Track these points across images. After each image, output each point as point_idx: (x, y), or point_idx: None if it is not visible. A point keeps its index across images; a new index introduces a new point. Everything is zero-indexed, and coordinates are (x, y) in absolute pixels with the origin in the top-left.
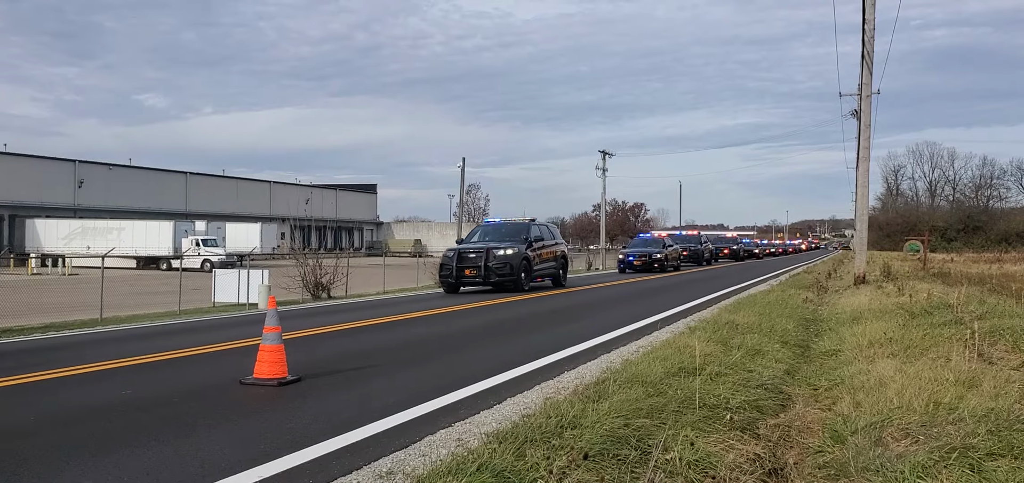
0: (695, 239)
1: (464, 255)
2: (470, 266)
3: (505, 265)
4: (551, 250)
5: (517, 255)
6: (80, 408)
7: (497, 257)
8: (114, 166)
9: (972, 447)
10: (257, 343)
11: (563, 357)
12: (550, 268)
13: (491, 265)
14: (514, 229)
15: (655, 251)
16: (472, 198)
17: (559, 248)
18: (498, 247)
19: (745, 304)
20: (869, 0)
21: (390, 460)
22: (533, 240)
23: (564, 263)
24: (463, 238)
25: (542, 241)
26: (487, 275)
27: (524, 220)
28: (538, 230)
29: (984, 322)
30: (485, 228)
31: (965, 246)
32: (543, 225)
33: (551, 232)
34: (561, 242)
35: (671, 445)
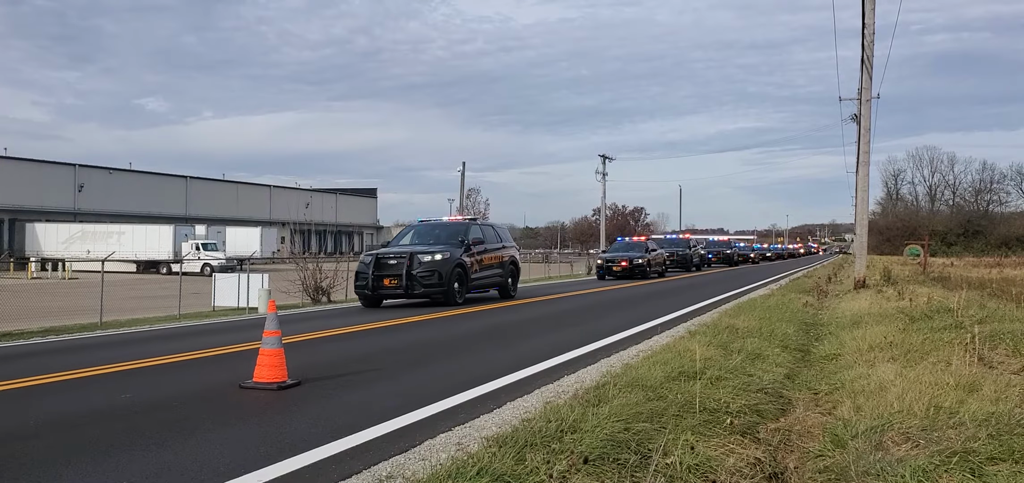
0: (683, 243)
1: (383, 262)
2: (389, 274)
3: (432, 273)
4: (495, 255)
5: (448, 261)
6: (80, 412)
7: (423, 264)
8: (114, 170)
9: (973, 451)
10: (257, 347)
11: (562, 361)
12: (494, 277)
13: (415, 273)
14: (450, 230)
15: (636, 256)
16: (472, 202)
17: (507, 253)
18: (424, 252)
19: (745, 308)
20: (869, 5)
21: (390, 464)
22: (472, 243)
23: (513, 271)
24: (390, 241)
25: (483, 244)
26: (410, 286)
27: (464, 218)
28: (480, 231)
29: (984, 326)
30: (418, 229)
31: (965, 250)
32: (487, 225)
33: (497, 234)
34: (510, 245)
35: (671, 449)
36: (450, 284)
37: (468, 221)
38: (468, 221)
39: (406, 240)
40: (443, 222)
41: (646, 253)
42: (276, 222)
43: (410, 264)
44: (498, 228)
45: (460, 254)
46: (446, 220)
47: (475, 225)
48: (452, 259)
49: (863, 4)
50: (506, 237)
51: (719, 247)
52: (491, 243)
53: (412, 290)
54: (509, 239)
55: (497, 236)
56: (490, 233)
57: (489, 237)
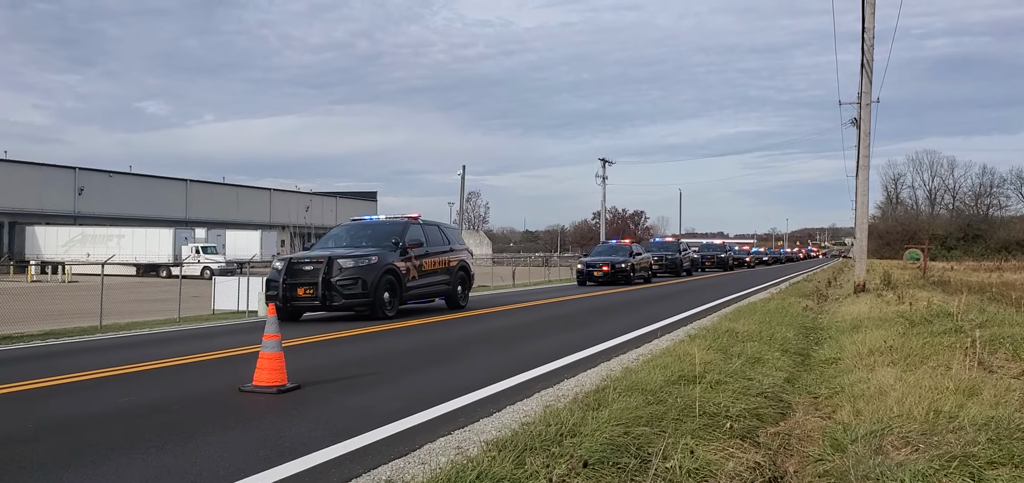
0: (672, 246)
1: (296, 267)
2: (304, 283)
3: (355, 281)
4: (440, 259)
5: (375, 267)
6: (80, 415)
7: (344, 270)
8: (114, 173)
9: (972, 456)
10: (256, 350)
11: (562, 365)
12: (438, 284)
13: (334, 281)
14: (384, 230)
15: (619, 260)
16: (472, 205)
17: (455, 257)
18: (347, 256)
19: (745, 312)
20: (868, 9)
21: (389, 468)
22: (409, 245)
23: (464, 278)
24: (314, 242)
25: (423, 247)
26: (328, 296)
27: (404, 217)
28: (421, 232)
29: (984, 330)
30: (349, 229)
31: (965, 254)
32: (432, 225)
33: (444, 236)
34: (460, 249)
35: (671, 453)
36: (377, 294)
37: (407, 220)
38: (407, 220)
39: (332, 242)
40: (378, 221)
41: (630, 257)
42: (276, 225)
43: (328, 270)
44: (446, 229)
45: (393, 258)
46: (382, 219)
47: (416, 225)
48: (380, 264)
49: (863, 9)
50: (455, 239)
51: (713, 251)
52: (435, 246)
53: (330, 301)
54: (459, 241)
55: (444, 238)
56: (434, 234)
57: (433, 239)
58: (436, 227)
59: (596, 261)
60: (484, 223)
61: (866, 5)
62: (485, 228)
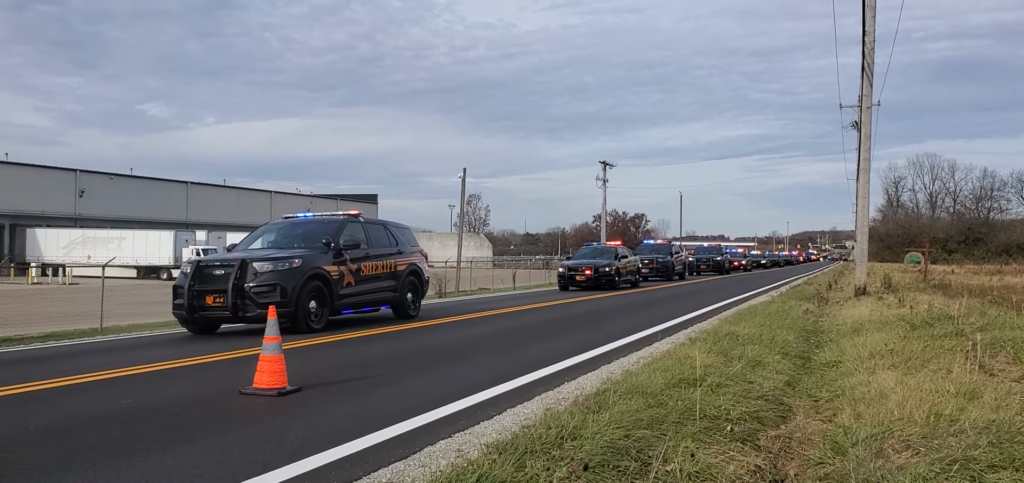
0: (664, 249)
1: (205, 271)
2: (214, 290)
3: (272, 288)
4: (384, 263)
5: (296, 271)
6: (80, 417)
7: (259, 275)
8: (115, 175)
9: (973, 459)
10: (257, 353)
11: (562, 368)
12: (382, 291)
13: (247, 287)
14: (316, 229)
15: (604, 263)
16: (473, 208)
17: (403, 260)
18: (262, 258)
19: (746, 315)
20: (869, 13)
21: (389, 471)
22: (345, 247)
23: (415, 283)
24: (236, 244)
25: (363, 248)
26: (240, 305)
27: (342, 214)
28: (361, 231)
29: (985, 334)
30: (280, 227)
31: (966, 258)
32: (375, 224)
33: (391, 236)
34: (411, 250)
35: (671, 456)
36: (300, 302)
37: (343, 218)
38: (343, 218)
39: (258, 243)
40: (312, 219)
41: (615, 260)
42: None
43: (241, 275)
44: (394, 228)
45: (322, 261)
46: (317, 216)
47: (354, 223)
48: (304, 268)
49: (863, 12)
50: (405, 240)
51: (709, 254)
52: (378, 247)
53: (243, 311)
54: (411, 242)
55: (390, 238)
56: (378, 234)
57: (377, 239)
58: (381, 226)
59: (579, 264)
60: (485, 226)
61: (866, 9)
62: (486, 231)
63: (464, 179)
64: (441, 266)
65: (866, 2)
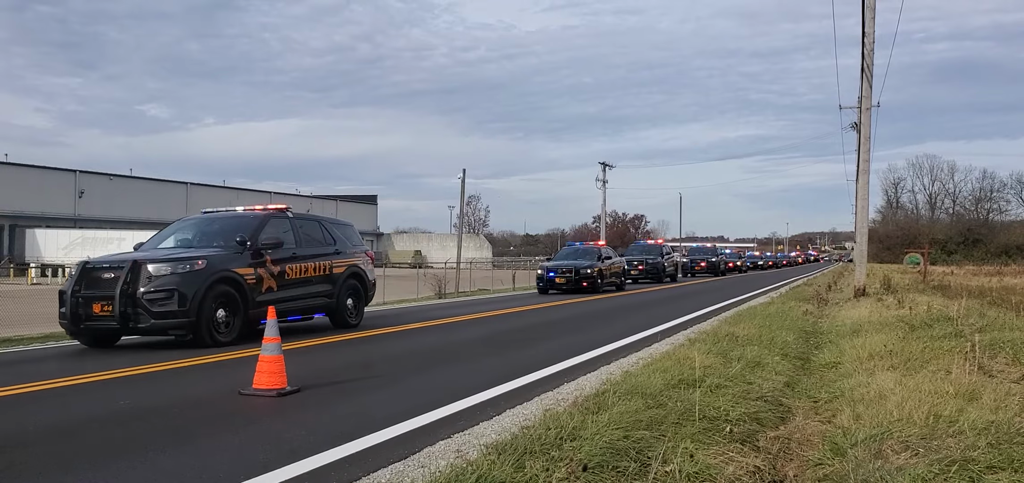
0: (655, 250)
1: (93, 275)
2: (101, 297)
3: (168, 295)
4: (317, 265)
5: (200, 275)
6: (79, 418)
7: (154, 279)
8: (115, 176)
9: (972, 460)
10: (256, 353)
11: (562, 369)
12: (315, 296)
13: (141, 294)
14: (233, 225)
15: (584, 265)
16: (472, 209)
17: (342, 261)
18: (159, 259)
19: (745, 316)
20: (869, 14)
21: (389, 471)
22: (265, 246)
23: (356, 288)
24: (143, 242)
25: (289, 248)
26: (130, 315)
27: (265, 209)
28: (288, 227)
29: (984, 335)
30: (196, 223)
31: (965, 259)
32: (308, 220)
33: (326, 234)
34: (352, 250)
35: (670, 457)
36: (203, 311)
37: (266, 213)
38: (266, 213)
39: (170, 241)
40: (231, 214)
41: (598, 261)
42: None
43: (132, 278)
44: (331, 225)
45: (235, 263)
46: (238, 211)
47: (279, 219)
48: (210, 270)
49: (863, 13)
50: (346, 238)
51: (704, 255)
52: (310, 247)
53: (135, 321)
54: (352, 241)
55: (326, 237)
56: (311, 232)
57: (308, 238)
58: (315, 223)
59: (558, 266)
60: (484, 227)
61: (866, 10)
62: (485, 232)
63: (464, 180)
64: (441, 267)
65: (866, 3)
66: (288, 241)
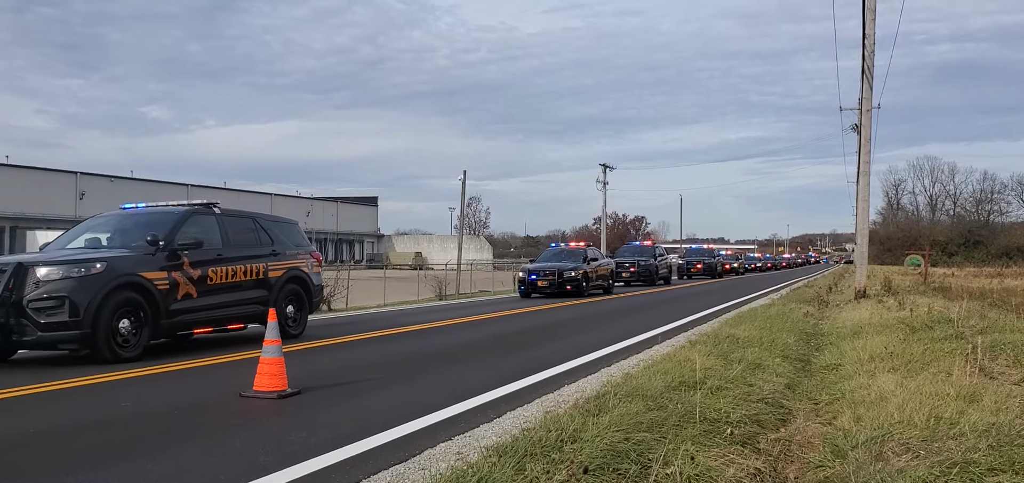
0: (647, 251)
1: None
2: None
3: (59, 304)
4: (249, 267)
5: (97, 280)
6: (80, 420)
7: (42, 285)
8: (115, 178)
9: (973, 462)
10: (257, 355)
11: (562, 371)
12: (246, 305)
13: (27, 302)
14: (148, 222)
15: (568, 267)
16: (473, 211)
17: (280, 264)
18: (49, 262)
19: (746, 318)
20: (869, 16)
21: (389, 473)
22: (182, 247)
23: (298, 294)
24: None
25: (211, 246)
26: (13, 327)
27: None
28: (213, 225)
29: (985, 337)
30: (110, 221)
31: (966, 260)
32: (239, 217)
33: (262, 233)
34: (293, 251)
35: (671, 459)
36: (100, 321)
37: (187, 209)
38: (187, 209)
39: (80, 241)
40: (150, 210)
41: (584, 263)
42: None
43: (17, 283)
44: (267, 223)
45: (145, 266)
46: (160, 207)
47: (204, 216)
48: (108, 275)
49: (864, 15)
50: (286, 238)
51: (700, 256)
52: (241, 248)
53: (19, 334)
54: (295, 241)
55: (261, 236)
56: (242, 231)
57: (238, 237)
58: (249, 220)
59: (541, 268)
60: (485, 228)
61: (866, 12)
62: (486, 233)
63: (464, 181)
64: (441, 268)
65: (866, 5)
66: (213, 241)
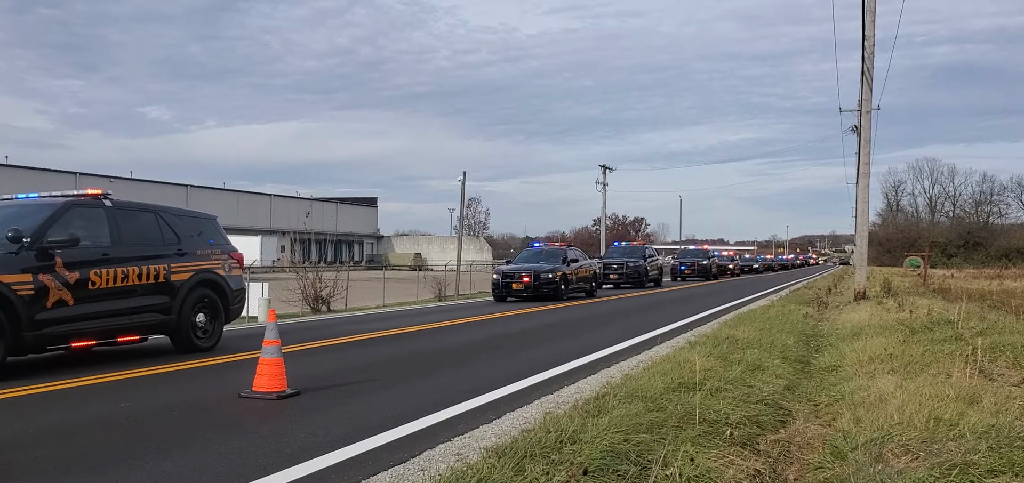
0: (636, 252)
1: None
2: None
3: None
4: (146, 268)
5: None
6: (79, 421)
7: None
8: (115, 178)
9: (973, 464)
10: (256, 356)
11: (562, 371)
12: (140, 313)
13: None
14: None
15: (546, 268)
16: (473, 212)
17: (187, 265)
18: None
19: (745, 319)
20: (869, 18)
21: (389, 475)
22: (55, 245)
23: (211, 300)
24: None
25: (95, 244)
26: None
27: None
28: (97, 219)
29: (985, 338)
30: None
31: (965, 262)
32: (137, 210)
33: (165, 229)
34: (204, 250)
35: (671, 461)
36: None
37: (67, 200)
38: (67, 200)
39: None
40: (26, 200)
41: (563, 264)
42: (276, 231)
43: None
44: (172, 217)
45: (6, 268)
46: (38, 198)
47: (88, 208)
48: None
49: (863, 17)
50: (196, 234)
51: (694, 257)
52: (136, 247)
53: None
54: (209, 237)
55: (164, 233)
56: (139, 226)
57: (132, 234)
58: (151, 215)
59: (515, 270)
60: (485, 229)
61: (866, 13)
62: (486, 234)
63: (464, 182)
64: (441, 269)
65: (866, 6)
66: (99, 238)
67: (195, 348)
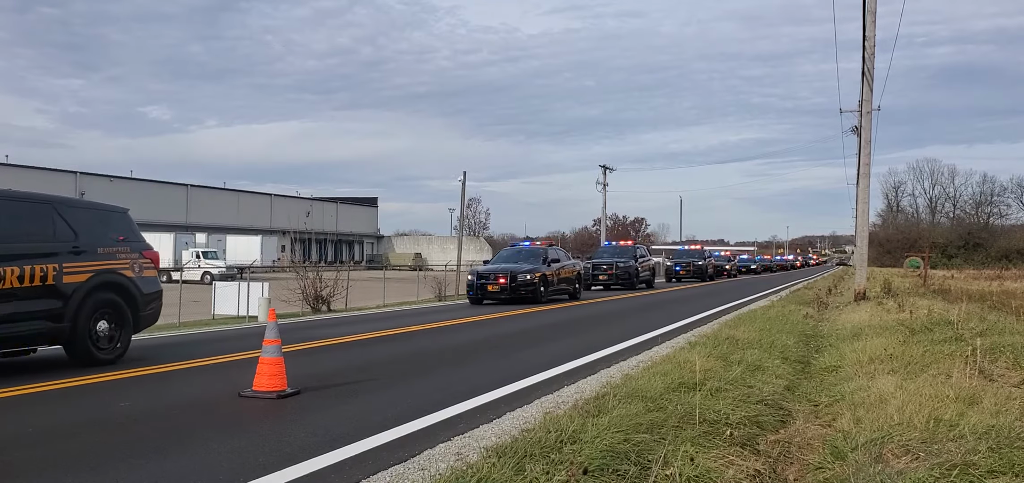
0: (627, 252)
1: None
2: None
3: None
4: (31, 268)
5: None
6: (78, 420)
7: None
8: (115, 177)
9: (973, 464)
10: (257, 356)
11: (562, 371)
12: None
13: None
14: None
15: (525, 269)
16: (473, 212)
17: (85, 265)
18: None
19: (745, 320)
20: (869, 18)
21: (389, 474)
22: None
23: (115, 305)
24: None
25: None
26: None
27: None
28: None
29: (985, 339)
30: None
31: (965, 263)
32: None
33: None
34: (108, 248)
35: (671, 460)
36: None
37: None
38: None
39: None
40: None
41: (543, 265)
42: (277, 231)
43: None
44: (67, 209)
45: None
46: None
47: None
48: None
49: (864, 17)
50: (99, 229)
51: (689, 258)
52: (20, 242)
53: None
54: (118, 232)
55: (58, 228)
56: (27, 219)
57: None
58: (46, 206)
59: (491, 271)
60: (485, 229)
61: (867, 14)
62: (486, 234)
63: (464, 182)
64: (441, 269)
65: (866, 7)
66: None
67: (95, 361)
